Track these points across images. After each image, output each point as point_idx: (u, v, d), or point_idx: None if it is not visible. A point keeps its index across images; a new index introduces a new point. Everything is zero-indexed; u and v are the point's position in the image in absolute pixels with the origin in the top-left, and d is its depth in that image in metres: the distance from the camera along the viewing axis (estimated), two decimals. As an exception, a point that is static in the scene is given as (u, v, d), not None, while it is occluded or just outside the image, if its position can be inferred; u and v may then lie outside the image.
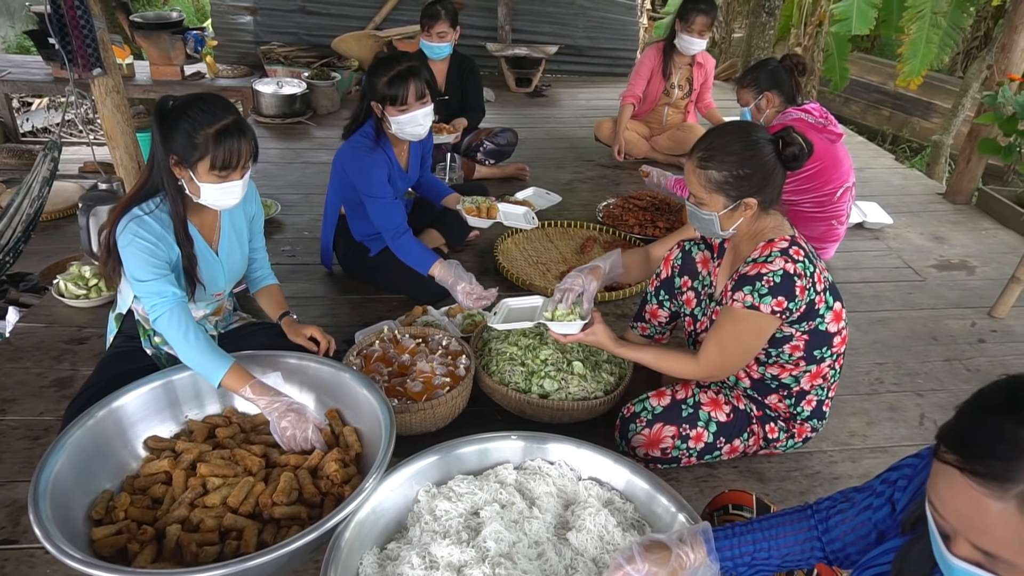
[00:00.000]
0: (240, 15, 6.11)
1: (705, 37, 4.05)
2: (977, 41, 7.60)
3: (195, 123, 1.76)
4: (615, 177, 4.36)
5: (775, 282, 1.76)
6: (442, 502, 1.58)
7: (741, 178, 1.79)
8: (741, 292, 1.80)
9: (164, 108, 1.80)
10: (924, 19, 4.80)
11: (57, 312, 2.76)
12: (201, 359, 1.81)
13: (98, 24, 2.91)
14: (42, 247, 3.50)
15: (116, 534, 1.53)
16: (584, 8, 6.54)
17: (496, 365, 2.24)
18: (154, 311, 1.84)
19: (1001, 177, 5.03)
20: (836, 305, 1.88)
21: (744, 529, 1.31)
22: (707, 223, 1.90)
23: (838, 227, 3.10)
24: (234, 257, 2.15)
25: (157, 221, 1.87)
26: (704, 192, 1.84)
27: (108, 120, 3.11)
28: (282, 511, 1.59)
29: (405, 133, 2.64)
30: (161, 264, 1.85)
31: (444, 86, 3.90)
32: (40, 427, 2.17)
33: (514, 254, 3.32)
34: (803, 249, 1.81)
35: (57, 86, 5.08)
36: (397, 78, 2.53)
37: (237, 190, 1.88)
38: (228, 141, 1.78)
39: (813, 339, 1.88)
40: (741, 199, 1.82)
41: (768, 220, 1.89)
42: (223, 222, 2.10)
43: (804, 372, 1.95)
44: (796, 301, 1.78)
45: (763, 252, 1.81)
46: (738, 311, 1.81)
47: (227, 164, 1.80)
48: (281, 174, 4.23)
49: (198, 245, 2.00)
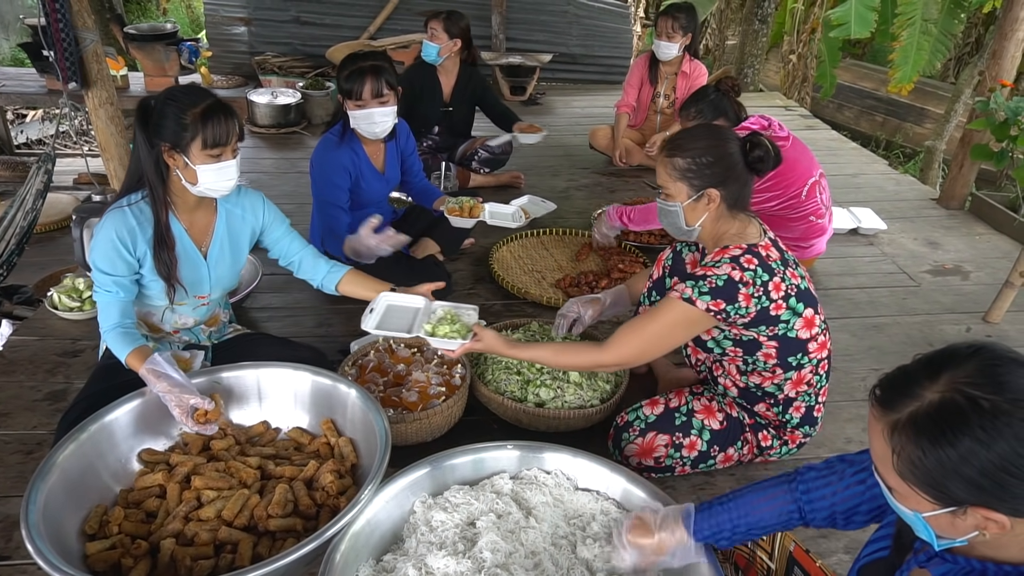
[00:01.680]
0: (234, 26, 6.12)
1: (674, 40, 4.06)
2: (969, 47, 7.65)
3: (181, 106, 1.84)
4: (610, 185, 4.37)
5: (717, 285, 1.78)
6: (438, 513, 1.57)
7: (704, 166, 1.84)
8: (683, 284, 1.83)
9: (147, 104, 1.87)
10: (915, 26, 4.83)
11: (51, 325, 2.74)
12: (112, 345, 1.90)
13: (91, 37, 2.92)
14: (36, 259, 3.49)
15: (110, 549, 1.52)
16: (578, 16, 6.57)
17: (492, 374, 2.24)
18: (95, 295, 1.93)
19: (994, 182, 5.06)
20: (807, 312, 1.87)
21: (722, 507, 1.43)
22: (673, 216, 1.93)
23: (818, 222, 3.10)
24: (223, 264, 2.14)
25: (134, 214, 1.92)
26: (670, 181, 1.89)
27: (102, 132, 3.12)
28: (277, 523, 1.58)
29: (363, 129, 2.70)
30: (120, 264, 1.91)
31: (450, 97, 3.92)
32: (33, 441, 2.16)
33: (509, 262, 3.32)
34: (758, 258, 1.82)
35: (51, 98, 5.07)
36: (356, 73, 2.59)
37: (232, 170, 1.93)
38: (215, 118, 1.86)
39: (784, 346, 1.88)
40: (704, 189, 1.85)
41: (732, 225, 1.91)
42: (218, 226, 2.10)
43: (785, 380, 1.95)
44: (736, 306, 1.79)
45: (714, 258, 1.85)
46: (674, 300, 1.82)
47: (218, 141, 1.86)
48: (276, 184, 4.23)
49: (183, 244, 2.02)
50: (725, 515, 1.41)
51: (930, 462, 0.89)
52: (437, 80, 3.83)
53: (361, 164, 2.80)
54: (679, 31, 4.05)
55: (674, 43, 4.08)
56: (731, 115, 2.99)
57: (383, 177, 2.92)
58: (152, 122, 1.85)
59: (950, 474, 0.88)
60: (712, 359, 2.06)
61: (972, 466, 0.87)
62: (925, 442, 0.89)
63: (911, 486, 0.93)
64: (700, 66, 4.28)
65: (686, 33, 4.07)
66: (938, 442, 0.88)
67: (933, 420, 0.89)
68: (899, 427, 0.92)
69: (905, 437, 0.92)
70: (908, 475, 0.93)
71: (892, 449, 0.93)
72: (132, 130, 1.94)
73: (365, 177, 2.83)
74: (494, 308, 2.99)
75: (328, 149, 2.74)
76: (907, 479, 0.93)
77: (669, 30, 4.05)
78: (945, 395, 0.90)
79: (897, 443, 0.93)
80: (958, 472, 0.88)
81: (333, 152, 2.72)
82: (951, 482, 0.89)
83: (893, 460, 0.93)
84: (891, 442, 0.93)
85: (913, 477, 0.92)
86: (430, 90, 3.83)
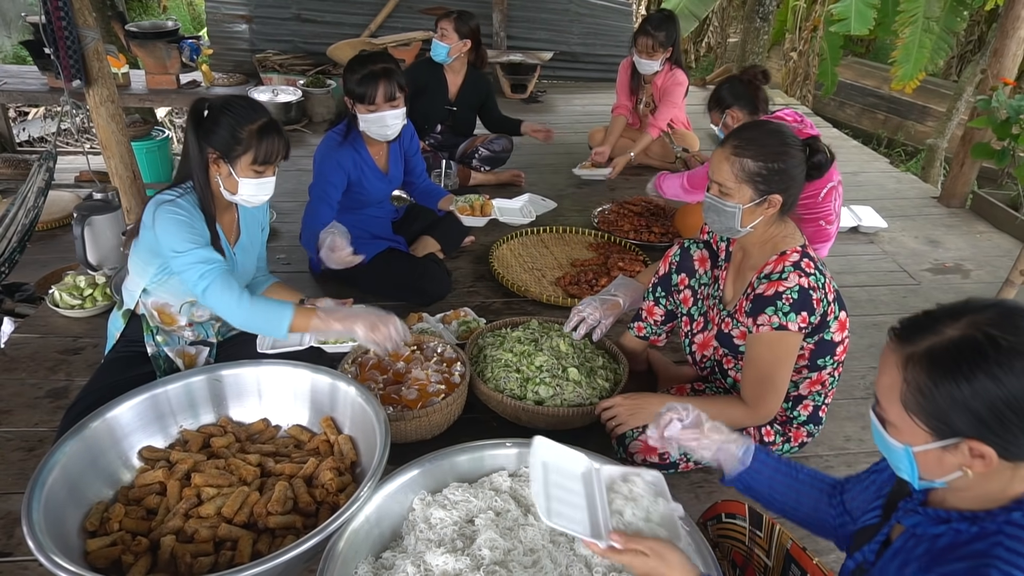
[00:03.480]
0: (236, 23, 6.12)
1: (655, 57, 3.93)
2: (971, 45, 7.64)
3: (239, 119, 1.88)
4: (610, 183, 4.37)
5: (794, 299, 1.76)
6: (437, 510, 1.58)
7: (774, 172, 1.79)
8: (764, 315, 1.79)
9: (201, 107, 1.91)
10: (917, 23, 4.81)
11: (52, 322, 2.75)
12: (262, 318, 1.91)
13: (93, 35, 2.92)
14: (38, 256, 3.50)
15: (110, 546, 1.52)
16: (579, 15, 6.56)
17: (491, 372, 2.24)
18: (203, 279, 1.90)
19: (995, 180, 5.05)
20: (842, 315, 1.88)
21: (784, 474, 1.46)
22: (727, 216, 1.87)
23: (827, 227, 3.10)
24: (249, 258, 2.24)
25: (187, 205, 1.95)
26: (734, 181, 1.82)
27: (103, 129, 3.12)
28: (277, 521, 1.58)
29: (373, 132, 2.71)
30: (198, 236, 1.92)
31: (455, 97, 3.92)
32: (35, 438, 2.17)
33: (509, 260, 3.33)
34: (813, 260, 1.82)
35: (53, 96, 5.06)
36: (368, 77, 2.59)
37: (270, 186, 2.01)
38: (269, 137, 1.92)
39: (818, 348, 1.88)
40: (768, 194, 1.81)
41: (781, 227, 1.89)
42: (241, 224, 2.19)
43: (805, 379, 1.95)
44: (815, 315, 1.79)
45: (776, 267, 1.81)
46: (768, 335, 1.80)
47: (267, 159, 1.94)
48: (277, 182, 4.20)
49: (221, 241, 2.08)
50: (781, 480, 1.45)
51: (940, 393, 0.93)
52: (444, 79, 3.83)
53: (363, 164, 2.81)
54: (659, 48, 3.91)
55: (655, 60, 3.96)
56: (749, 102, 2.97)
57: (386, 177, 2.93)
58: (205, 127, 1.89)
59: (958, 406, 0.92)
60: (722, 353, 2.06)
61: (981, 400, 0.90)
62: (939, 373, 0.93)
63: (913, 416, 0.97)
64: (676, 74, 4.09)
65: (667, 47, 3.93)
66: (952, 374, 0.92)
67: (951, 354, 0.93)
68: (915, 358, 0.96)
69: (919, 368, 0.95)
70: (913, 405, 0.96)
71: (904, 379, 0.97)
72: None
73: (367, 177, 2.83)
74: (494, 306, 2.99)
75: (331, 147, 2.76)
76: (911, 409, 0.97)
77: (649, 49, 3.92)
78: (966, 332, 0.93)
79: (910, 373, 0.96)
80: (967, 405, 0.91)
81: (335, 151, 2.74)
82: (957, 414, 0.92)
83: (902, 389, 0.97)
84: (904, 372, 0.97)
85: (918, 407, 0.96)
86: (435, 88, 3.83)
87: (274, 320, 1.91)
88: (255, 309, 1.90)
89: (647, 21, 3.96)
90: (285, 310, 1.92)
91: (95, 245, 2.92)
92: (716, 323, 2.06)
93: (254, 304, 1.91)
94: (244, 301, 1.90)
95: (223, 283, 1.90)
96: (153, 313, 2.10)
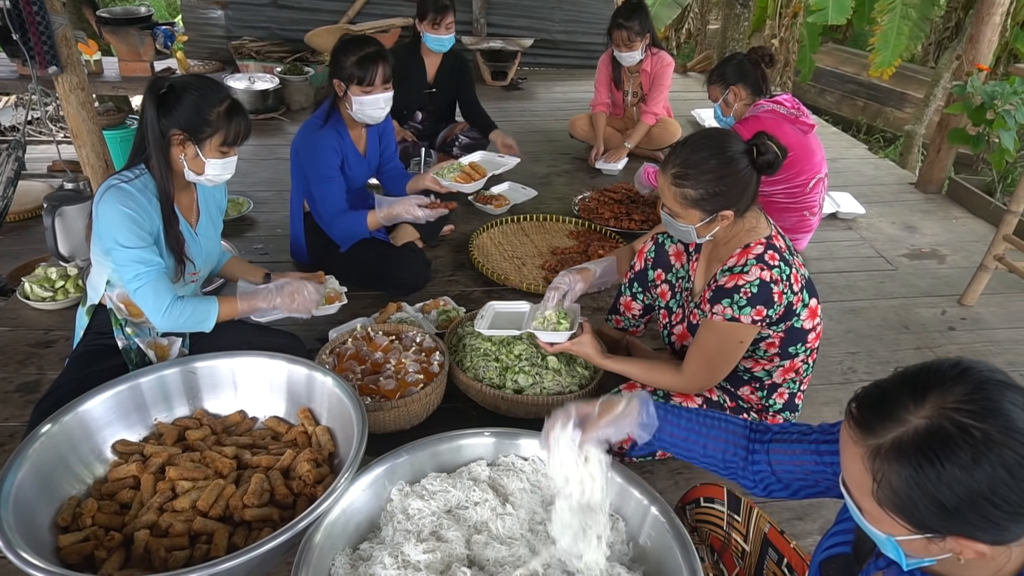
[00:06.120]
0: (211, 9, 6.02)
1: (634, 49, 3.92)
2: (948, 31, 7.68)
3: (205, 100, 1.86)
4: (592, 171, 4.36)
5: (752, 292, 1.77)
6: (415, 501, 1.57)
7: (717, 195, 1.78)
8: (720, 305, 1.81)
9: (159, 87, 1.87)
10: (895, 11, 4.84)
11: (23, 315, 2.70)
12: (189, 320, 1.98)
13: (61, 20, 2.85)
14: (10, 248, 3.42)
15: (83, 541, 1.50)
16: (560, 1, 6.52)
17: (470, 361, 2.23)
18: (137, 280, 1.90)
19: (971, 166, 5.10)
20: (812, 302, 1.89)
21: (688, 422, 1.42)
22: (683, 233, 1.91)
23: (810, 218, 3.12)
24: (211, 239, 2.22)
25: (138, 191, 1.91)
26: (680, 207, 1.84)
27: (73, 118, 3.06)
28: (253, 513, 1.57)
29: (365, 115, 2.67)
30: (144, 234, 1.90)
31: (434, 79, 3.88)
32: (5, 433, 2.13)
33: (489, 249, 3.31)
34: (778, 252, 1.82)
35: (22, 83, 4.96)
36: (367, 59, 2.57)
37: (233, 164, 2.01)
38: (237, 117, 1.92)
39: (788, 336, 1.89)
40: (717, 212, 1.81)
41: (743, 224, 1.88)
42: (200, 204, 2.15)
43: (777, 367, 1.96)
44: (775, 307, 1.80)
45: (739, 260, 1.82)
46: (719, 324, 1.82)
47: (236, 139, 1.94)
48: (254, 171, 4.18)
49: (180, 224, 2.05)
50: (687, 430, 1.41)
51: (914, 491, 0.84)
52: (421, 61, 3.80)
53: (345, 148, 2.77)
54: (636, 37, 3.89)
55: (635, 51, 3.95)
56: (753, 83, 2.97)
57: (365, 160, 2.90)
58: (167, 107, 1.85)
59: (936, 505, 0.83)
60: None
61: (957, 495, 0.82)
62: (910, 471, 0.84)
63: (888, 512, 0.88)
64: (663, 57, 4.11)
65: (643, 35, 3.91)
66: (924, 471, 0.83)
67: (920, 448, 0.83)
68: (881, 453, 0.86)
69: (888, 464, 0.86)
70: (887, 502, 0.87)
71: (872, 476, 0.88)
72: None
73: (349, 161, 2.80)
74: (474, 295, 2.98)
75: (313, 131, 2.71)
76: (886, 506, 0.88)
77: (626, 40, 3.91)
78: (933, 421, 0.84)
79: (879, 470, 0.87)
80: (943, 501, 0.83)
81: (320, 133, 2.69)
82: (937, 513, 0.84)
83: (873, 488, 0.88)
84: (872, 468, 0.87)
85: (892, 505, 0.87)
86: (414, 72, 3.80)
87: (200, 317, 1.99)
88: (183, 312, 1.96)
89: (617, 15, 3.95)
90: (210, 306, 2.01)
91: (66, 236, 2.86)
92: (685, 314, 2.08)
93: (183, 308, 1.96)
94: (174, 307, 1.94)
95: (155, 287, 1.92)
96: (120, 306, 2.06)
